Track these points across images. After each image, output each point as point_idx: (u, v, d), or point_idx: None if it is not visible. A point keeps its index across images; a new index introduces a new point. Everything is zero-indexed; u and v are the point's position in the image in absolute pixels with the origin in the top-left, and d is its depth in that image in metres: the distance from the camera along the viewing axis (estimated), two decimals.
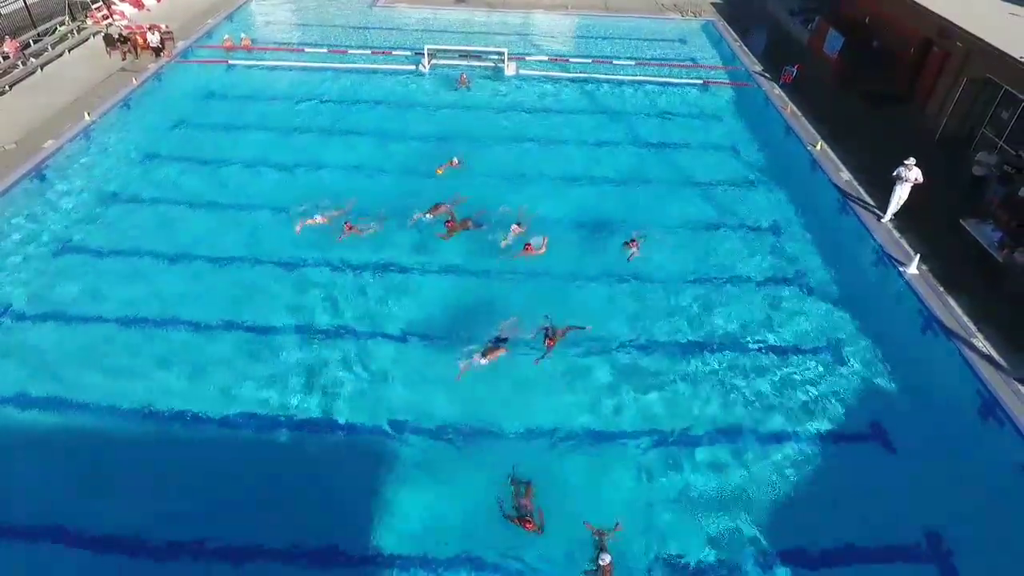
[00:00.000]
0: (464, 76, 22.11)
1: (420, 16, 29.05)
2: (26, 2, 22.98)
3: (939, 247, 13.90)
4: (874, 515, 9.28)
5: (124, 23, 24.93)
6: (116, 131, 18.41)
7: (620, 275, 13.54)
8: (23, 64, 21.12)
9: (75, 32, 23.99)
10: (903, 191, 14.34)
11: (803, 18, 27.08)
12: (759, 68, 23.88)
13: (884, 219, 14.87)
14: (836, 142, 18.49)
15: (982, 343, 11.52)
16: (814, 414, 10.75)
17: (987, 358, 11.20)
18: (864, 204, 15.63)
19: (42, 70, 21.36)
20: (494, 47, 23.94)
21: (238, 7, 28.64)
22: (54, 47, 22.67)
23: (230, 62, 23.04)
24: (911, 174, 14.10)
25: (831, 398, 11.02)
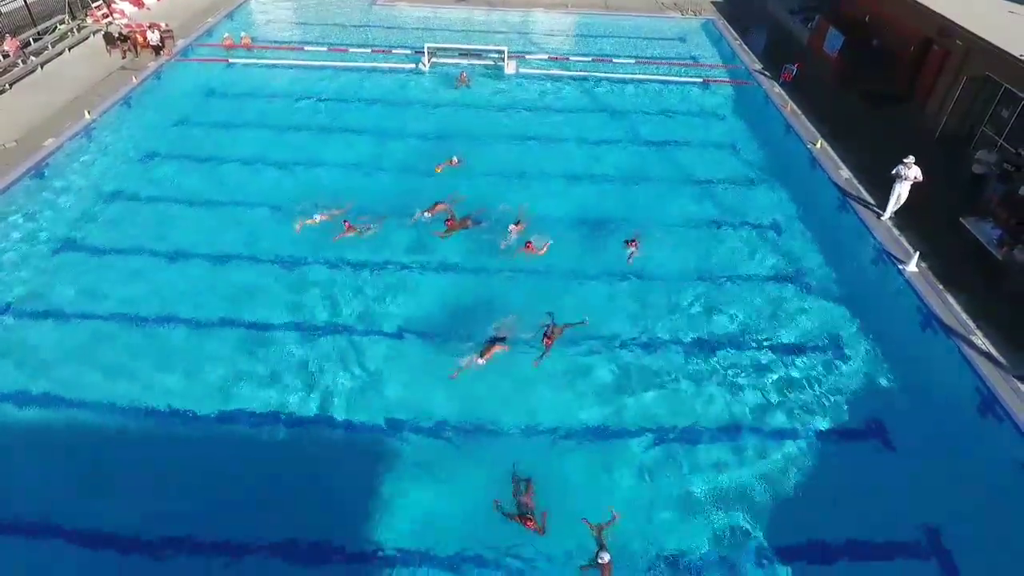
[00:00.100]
0: (464, 74, 22.11)
1: (420, 14, 29.08)
2: (26, 1, 22.98)
3: (939, 245, 13.91)
4: (874, 513, 9.28)
5: (124, 21, 24.91)
6: (116, 129, 18.43)
7: (620, 273, 13.55)
8: (23, 62, 21.12)
9: (75, 31, 24.01)
10: (903, 189, 14.34)
11: (803, 17, 27.08)
12: (759, 67, 23.88)
13: (884, 217, 14.87)
14: (836, 140, 18.48)
15: (981, 341, 11.52)
16: (813, 412, 10.76)
17: (986, 356, 11.20)
18: (864, 202, 15.63)
19: (42, 68, 21.36)
20: (494, 45, 23.98)
21: (238, 5, 28.63)
22: (54, 45, 22.68)
23: (230, 60, 23.05)
24: (911, 172, 14.11)
25: (830, 396, 11.03)
